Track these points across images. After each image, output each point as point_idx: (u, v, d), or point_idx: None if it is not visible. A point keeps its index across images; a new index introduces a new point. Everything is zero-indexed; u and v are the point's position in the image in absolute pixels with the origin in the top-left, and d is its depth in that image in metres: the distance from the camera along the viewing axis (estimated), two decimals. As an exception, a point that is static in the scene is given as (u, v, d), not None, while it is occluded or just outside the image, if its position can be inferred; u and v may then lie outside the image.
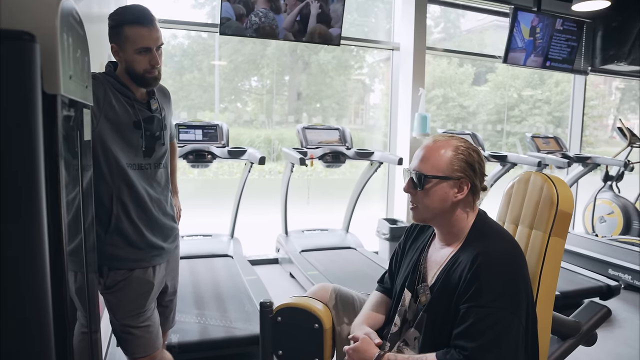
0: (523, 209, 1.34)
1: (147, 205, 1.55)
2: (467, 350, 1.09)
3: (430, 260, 1.32)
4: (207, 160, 3.36)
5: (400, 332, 1.32)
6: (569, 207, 1.25)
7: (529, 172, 1.36)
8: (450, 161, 1.23)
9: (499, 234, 1.25)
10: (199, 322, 2.44)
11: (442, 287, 1.21)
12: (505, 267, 1.16)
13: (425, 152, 1.27)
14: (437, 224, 1.29)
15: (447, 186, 1.23)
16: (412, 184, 1.27)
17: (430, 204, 1.25)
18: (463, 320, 1.13)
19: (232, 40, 4.85)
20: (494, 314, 1.10)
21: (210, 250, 3.71)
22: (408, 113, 4.43)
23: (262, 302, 1.44)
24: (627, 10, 5.12)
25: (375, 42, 4.64)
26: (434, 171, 1.23)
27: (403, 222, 4.39)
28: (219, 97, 4.96)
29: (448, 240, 1.29)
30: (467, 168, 1.23)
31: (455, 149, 1.24)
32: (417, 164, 1.27)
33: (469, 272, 1.14)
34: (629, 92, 8.25)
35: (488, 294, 1.11)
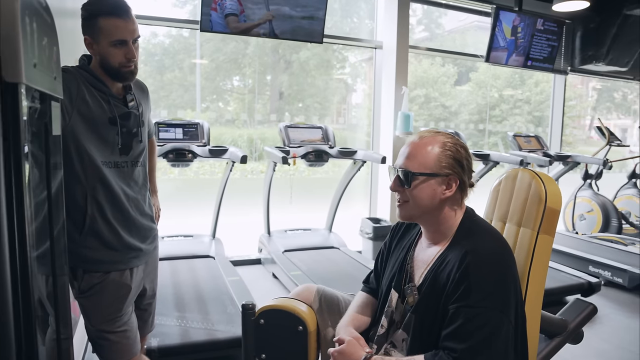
0: (511, 206, 1.32)
1: (124, 205, 1.49)
2: (457, 352, 1.06)
3: (417, 260, 1.29)
4: (188, 159, 3.29)
5: (387, 334, 1.29)
6: (557, 204, 1.23)
7: (517, 168, 1.34)
8: (437, 158, 1.20)
9: (487, 232, 1.23)
10: (180, 325, 2.37)
11: (430, 287, 1.18)
12: (494, 266, 1.14)
13: (411, 148, 1.23)
14: (425, 221, 1.26)
15: (435, 183, 1.20)
16: (398, 181, 1.24)
17: (418, 202, 1.22)
18: (452, 321, 1.10)
19: (214, 39, 4.78)
20: (483, 314, 1.07)
21: (191, 251, 3.63)
22: (391, 112, 4.41)
23: (244, 304, 1.39)
24: (605, 11, 5.20)
25: (358, 40, 4.62)
26: (421, 168, 1.20)
27: (386, 222, 4.37)
28: (201, 97, 4.88)
29: (435, 239, 1.26)
30: (455, 164, 1.20)
31: (443, 145, 1.21)
32: (403, 161, 1.24)
33: (458, 271, 1.12)
34: (605, 93, 8.41)
35: (477, 293, 1.08)
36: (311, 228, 4.43)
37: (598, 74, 6.01)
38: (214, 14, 3.52)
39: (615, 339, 2.79)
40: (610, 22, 5.23)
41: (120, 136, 1.46)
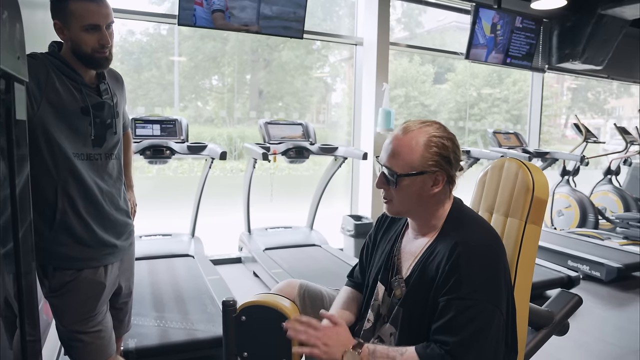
0: (498, 196, 1.30)
1: (97, 199, 1.42)
2: (449, 345, 1.03)
3: (404, 252, 1.26)
4: (166, 155, 3.21)
5: (374, 328, 1.25)
6: (545, 194, 1.22)
7: (503, 158, 1.32)
8: (422, 155, 1.14)
9: (476, 223, 1.20)
10: (158, 325, 2.30)
11: (419, 279, 1.15)
12: (485, 257, 1.11)
13: (395, 145, 1.17)
14: (413, 216, 1.23)
15: (421, 181, 1.16)
16: (384, 179, 1.19)
17: (405, 199, 1.18)
18: (443, 314, 1.07)
19: (192, 37, 4.71)
20: (475, 307, 1.04)
21: (170, 250, 3.55)
22: (372, 108, 4.40)
23: (224, 300, 1.33)
24: (581, 10, 5.29)
25: (338, 36, 4.59)
26: (406, 168, 1.14)
27: (368, 219, 4.35)
28: (179, 96, 4.79)
29: (423, 231, 1.23)
30: (441, 161, 1.15)
31: (428, 142, 1.15)
32: (387, 159, 1.18)
33: (447, 263, 1.09)
34: (579, 93, 8.57)
35: (468, 285, 1.06)
36: (292, 226, 4.39)
37: (574, 72, 6.11)
38: (199, 9, 3.44)
39: (596, 332, 2.81)
40: (586, 21, 5.32)
41: (94, 127, 1.39)
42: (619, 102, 8.87)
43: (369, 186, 4.46)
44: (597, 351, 2.56)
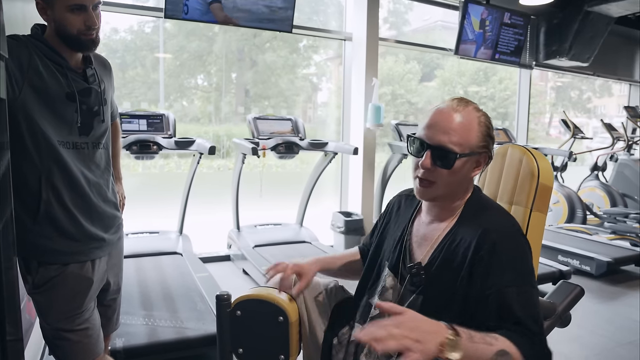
0: (501, 184, 1.27)
1: (84, 190, 1.35)
2: (531, 332, 0.96)
3: (417, 237, 1.20)
4: (153, 151, 3.14)
5: (383, 316, 1.20)
6: (550, 181, 1.19)
7: (506, 145, 1.28)
8: (477, 135, 1.08)
9: (497, 208, 1.15)
10: (147, 323, 2.23)
11: (441, 267, 1.09)
12: (520, 242, 1.07)
13: (447, 122, 1.08)
14: (444, 200, 1.15)
15: (472, 162, 1.10)
16: (436, 159, 1.07)
17: (452, 182, 1.10)
18: (498, 305, 0.99)
19: (178, 35, 4.64)
20: (528, 291, 1.00)
21: (157, 247, 3.47)
22: (361, 104, 4.36)
23: (218, 294, 1.28)
24: (568, 7, 5.32)
25: (327, 31, 4.54)
26: (464, 148, 1.07)
27: (358, 215, 4.32)
28: (164, 94, 4.71)
29: (441, 215, 1.16)
30: (489, 141, 1.11)
31: (478, 120, 1.10)
32: (440, 137, 1.07)
33: (480, 251, 1.02)
34: (563, 91, 8.66)
35: (513, 272, 1.01)
36: (282, 223, 4.33)
37: (561, 69, 6.15)
38: (193, 0, 3.36)
39: (588, 324, 2.82)
40: (572, 18, 5.35)
41: (80, 114, 1.32)
42: (601, 101, 9.00)
43: (359, 182, 4.43)
44: (591, 344, 2.56)
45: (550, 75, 8.03)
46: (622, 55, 7.11)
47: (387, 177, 4.53)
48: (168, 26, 4.76)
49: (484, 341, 0.89)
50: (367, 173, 4.41)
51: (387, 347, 0.83)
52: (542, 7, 5.20)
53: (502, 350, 0.89)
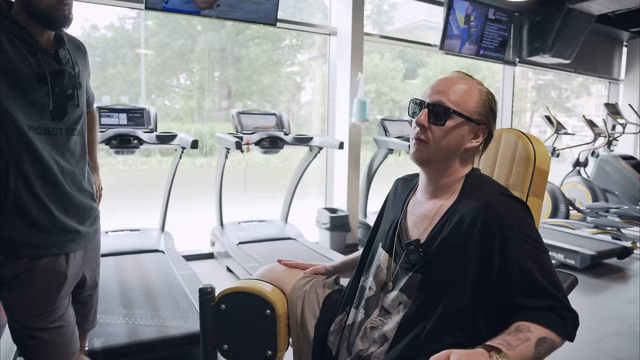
0: (496, 169, 1.23)
1: (58, 179, 1.27)
2: (557, 302, 0.97)
3: (413, 216, 1.15)
4: (133, 145, 3.05)
5: (378, 298, 1.14)
6: (546, 165, 1.15)
7: (500, 129, 1.24)
8: (476, 102, 1.08)
9: (497, 184, 1.12)
10: (127, 322, 2.15)
11: (443, 244, 1.04)
12: (525, 211, 1.05)
13: (448, 85, 1.09)
14: (437, 169, 1.11)
15: (466, 129, 1.08)
16: (432, 115, 1.07)
17: (445, 144, 1.07)
18: (523, 278, 0.96)
19: (160, 33, 4.54)
20: (547, 257, 1.01)
21: (138, 245, 3.38)
22: (347, 99, 4.31)
23: (201, 287, 1.22)
24: (550, 4, 5.35)
25: (312, 25, 4.48)
26: (458, 108, 1.06)
27: (343, 211, 4.28)
28: (145, 93, 4.61)
29: (437, 192, 1.12)
30: (489, 114, 1.09)
31: (480, 90, 1.09)
32: (438, 97, 1.08)
33: (493, 227, 0.99)
34: (543, 90, 8.77)
35: (530, 242, 0.99)
36: (266, 219, 4.26)
37: (544, 66, 6.20)
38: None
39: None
40: (555, 16, 5.39)
41: (52, 97, 1.23)
42: (579, 100, 9.14)
43: (344, 178, 4.38)
44: (578, 335, 2.51)
45: (531, 74, 8.11)
46: (601, 53, 7.20)
47: (373, 172, 4.50)
48: (150, 23, 4.66)
49: (520, 340, 0.89)
50: (353, 169, 4.37)
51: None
52: (525, 3, 5.23)
53: (539, 339, 0.90)
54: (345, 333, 1.17)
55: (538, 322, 0.92)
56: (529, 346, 0.89)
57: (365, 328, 1.11)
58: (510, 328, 0.93)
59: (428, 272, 1.05)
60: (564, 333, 0.94)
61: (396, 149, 4.17)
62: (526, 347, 0.88)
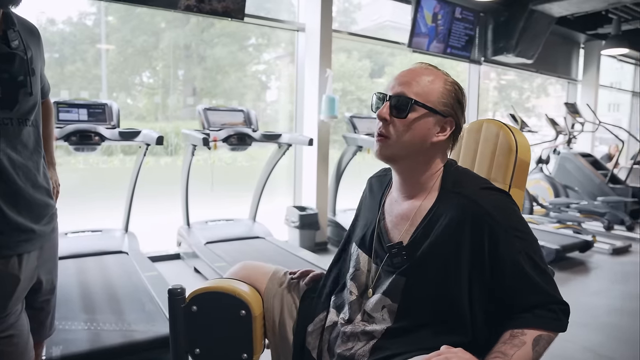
0: (477, 160, 1.20)
1: (9, 173, 1.15)
2: (548, 296, 0.95)
3: (392, 216, 1.10)
4: (95, 142, 2.91)
5: (360, 302, 1.10)
6: (527, 156, 1.13)
7: (481, 120, 1.22)
8: (440, 93, 1.02)
9: (479, 178, 1.08)
10: (89, 328, 2.04)
11: (431, 250, 1.00)
12: (510, 202, 1.02)
13: (410, 76, 1.03)
14: (406, 167, 1.06)
15: (431, 122, 1.02)
16: (392, 107, 1.02)
17: (408, 139, 1.02)
18: (515, 274, 0.94)
19: (122, 29, 4.38)
20: (537, 248, 0.98)
21: (100, 247, 3.23)
22: (315, 96, 4.27)
23: (171, 288, 1.14)
24: (514, 5, 5.47)
25: (279, 21, 4.41)
26: (422, 99, 1.01)
27: (313, 209, 4.23)
28: (107, 91, 4.43)
29: (413, 192, 1.07)
30: (455, 105, 1.04)
31: (445, 80, 1.04)
32: (400, 87, 1.02)
33: (481, 224, 0.96)
34: (504, 90, 8.99)
35: (519, 236, 0.96)
36: (234, 218, 4.17)
37: (508, 65, 6.33)
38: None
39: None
40: (518, 16, 5.51)
41: (1, 84, 1.13)
42: (538, 100, 9.43)
43: (313, 176, 4.34)
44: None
45: (493, 75, 8.29)
46: (561, 54, 7.43)
47: (342, 170, 4.47)
48: (111, 19, 4.49)
49: (516, 347, 0.89)
50: (322, 166, 4.33)
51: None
52: (490, 3, 5.32)
53: (535, 339, 0.90)
54: (325, 335, 1.12)
55: (530, 326, 0.92)
56: (526, 350, 0.89)
57: (347, 332, 1.07)
58: (505, 336, 0.92)
59: (414, 275, 1.01)
60: (557, 327, 0.94)
61: (365, 146, 4.16)
62: (523, 352, 0.88)
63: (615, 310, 2.99)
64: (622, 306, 3.07)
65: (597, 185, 5.96)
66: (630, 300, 3.20)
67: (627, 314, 2.93)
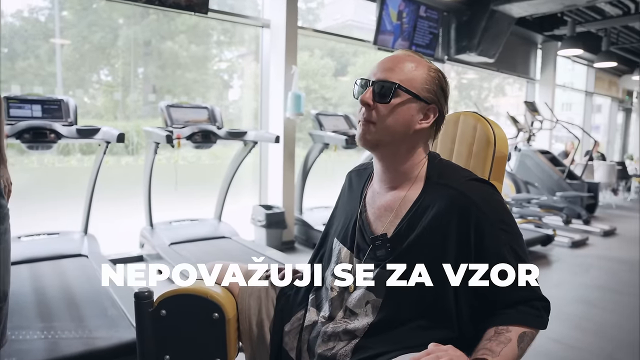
0: (454, 153, 1.18)
1: (-45, 171, 1.07)
2: (530, 293, 0.94)
3: (374, 208, 1.07)
4: (50, 140, 2.76)
5: (341, 298, 1.05)
6: (505, 148, 1.12)
7: (458, 112, 1.20)
8: (424, 79, 1.00)
9: (462, 168, 1.07)
10: (46, 337, 1.92)
11: (417, 241, 0.97)
12: (496, 194, 1.00)
13: (393, 62, 1.01)
14: (389, 153, 1.03)
15: (415, 108, 1.00)
16: (376, 93, 1.00)
17: (392, 124, 0.99)
18: (500, 268, 0.93)
19: (78, 24, 4.19)
20: (521, 241, 0.98)
21: (57, 250, 3.07)
22: (281, 93, 4.22)
23: (137, 292, 1.07)
24: (475, 5, 5.58)
25: (244, 17, 4.33)
26: (406, 85, 0.99)
27: (279, 208, 4.18)
28: (63, 89, 4.22)
29: (396, 181, 1.04)
30: (439, 93, 1.01)
31: (428, 67, 1.02)
32: (383, 74, 1.00)
33: (468, 216, 0.94)
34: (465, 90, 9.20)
35: (505, 229, 0.95)
36: (199, 218, 4.07)
37: (470, 64, 6.46)
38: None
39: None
40: (480, 16, 5.63)
41: None
42: (496, 100, 9.70)
43: (279, 174, 4.29)
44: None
45: (453, 74, 8.45)
46: (520, 54, 7.65)
47: (308, 168, 4.44)
48: (66, 14, 4.28)
49: (503, 344, 0.87)
50: (288, 164, 4.28)
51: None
52: (453, 3, 5.40)
53: (520, 336, 0.89)
54: (304, 335, 1.07)
55: (514, 323, 0.91)
56: (512, 347, 0.88)
57: (328, 331, 1.03)
58: (489, 333, 0.90)
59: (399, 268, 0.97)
60: (539, 324, 0.93)
61: (332, 144, 4.13)
62: (510, 349, 0.87)
63: (577, 300, 3.08)
64: (583, 297, 3.17)
65: (556, 181, 6.16)
66: (591, 290, 3.31)
67: (588, 304, 3.02)
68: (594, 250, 4.49)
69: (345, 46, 6.15)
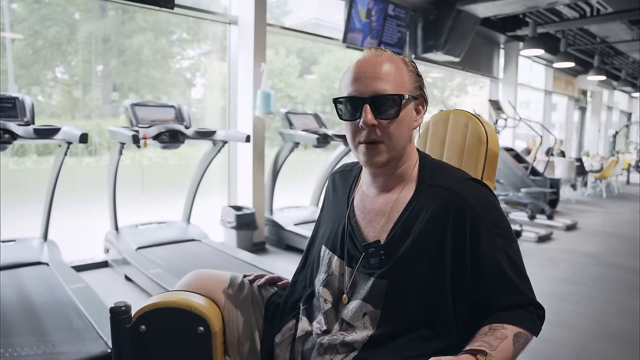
0: (445, 153, 1.14)
1: None
2: (525, 298, 0.92)
3: (364, 213, 1.01)
4: (5, 140, 2.58)
5: (336, 310, 0.99)
6: (497, 146, 1.09)
7: (447, 110, 1.17)
8: (409, 77, 0.94)
9: (455, 169, 1.02)
10: (4, 355, 1.78)
11: (413, 247, 0.92)
12: (491, 197, 0.96)
13: (374, 69, 0.91)
14: (394, 164, 0.97)
15: (411, 109, 0.95)
16: (381, 110, 0.90)
17: (399, 136, 0.92)
18: (495, 274, 0.90)
19: (29, 19, 3.96)
20: (516, 248, 0.94)
21: (15, 258, 2.88)
22: (249, 91, 4.13)
23: (113, 307, 0.98)
24: (442, 5, 5.64)
25: (211, 13, 4.21)
26: (403, 90, 0.92)
27: (249, 209, 4.10)
28: (16, 87, 3.98)
29: (388, 184, 0.99)
30: (421, 82, 0.97)
31: (403, 62, 0.95)
32: (374, 87, 0.90)
33: (464, 218, 0.90)
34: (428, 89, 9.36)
35: (501, 233, 0.92)
36: (167, 221, 3.93)
37: (437, 62, 6.52)
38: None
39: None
40: (447, 16, 5.70)
41: None
42: (458, 99, 9.90)
43: (249, 174, 4.20)
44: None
45: (419, 73, 8.55)
46: (484, 53, 7.80)
47: (278, 167, 4.36)
48: (15, 7, 4.04)
49: (499, 339, 0.84)
50: (257, 164, 4.20)
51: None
52: (420, 3, 5.43)
53: (516, 335, 0.87)
54: (297, 346, 1.01)
55: (510, 322, 0.88)
56: (507, 343, 0.85)
57: (324, 343, 0.96)
58: (484, 329, 0.87)
59: (396, 277, 0.92)
60: (533, 329, 0.91)
61: (303, 142, 4.07)
62: (506, 345, 0.84)
63: (547, 294, 3.14)
64: (551, 290, 3.24)
65: (520, 178, 6.30)
66: (559, 284, 3.39)
67: (557, 298, 3.09)
68: (559, 245, 4.61)
69: (310, 45, 6.09)
